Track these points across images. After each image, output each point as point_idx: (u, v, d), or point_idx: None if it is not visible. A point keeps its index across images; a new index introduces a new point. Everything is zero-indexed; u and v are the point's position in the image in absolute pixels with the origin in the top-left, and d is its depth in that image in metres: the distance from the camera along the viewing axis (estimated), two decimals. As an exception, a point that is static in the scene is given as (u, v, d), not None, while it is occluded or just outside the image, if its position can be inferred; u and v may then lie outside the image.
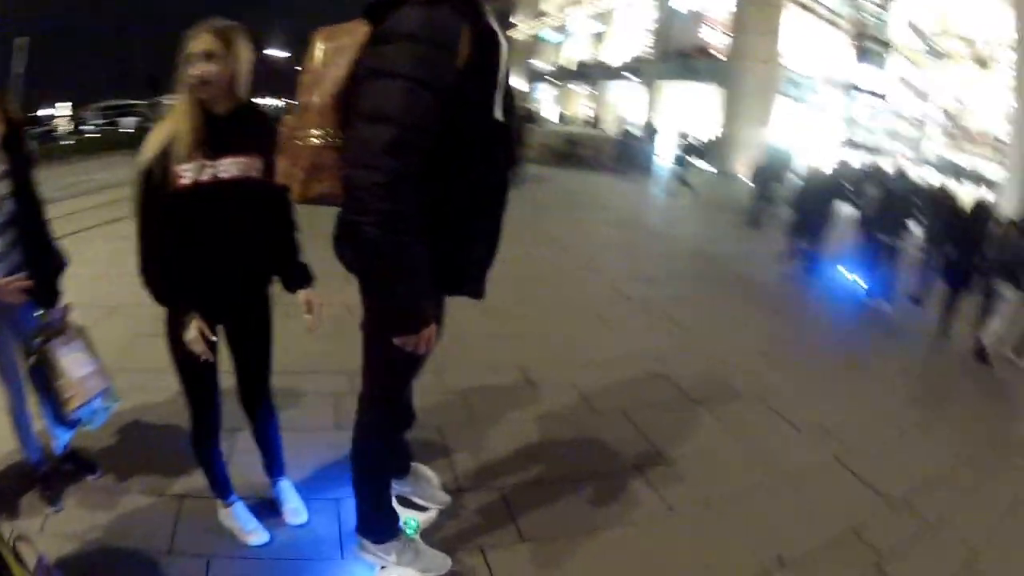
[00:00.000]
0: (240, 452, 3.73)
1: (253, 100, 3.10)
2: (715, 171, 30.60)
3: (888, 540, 4.51)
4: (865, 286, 12.16)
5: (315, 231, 3.26)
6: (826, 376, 7.49)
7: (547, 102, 54.00)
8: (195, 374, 3.11)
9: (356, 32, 2.43)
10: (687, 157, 22.99)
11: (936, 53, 34.57)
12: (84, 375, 3.29)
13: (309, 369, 4.98)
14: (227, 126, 2.89)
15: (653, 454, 4.98)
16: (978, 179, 31.28)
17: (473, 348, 6.25)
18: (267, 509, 3.61)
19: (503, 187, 2.67)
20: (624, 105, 43.65)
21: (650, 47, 41.29)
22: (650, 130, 31.82)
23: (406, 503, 3.56)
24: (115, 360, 3.19)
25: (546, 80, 54.56)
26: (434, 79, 2.26)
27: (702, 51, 37.32)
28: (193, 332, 2.88)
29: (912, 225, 12.89)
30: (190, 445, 3.37)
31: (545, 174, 21.57)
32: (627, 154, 27.80)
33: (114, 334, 5.73)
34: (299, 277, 3.33)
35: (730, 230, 16.93)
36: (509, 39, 2.60)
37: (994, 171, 29.58)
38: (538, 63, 55.13)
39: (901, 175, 15.17)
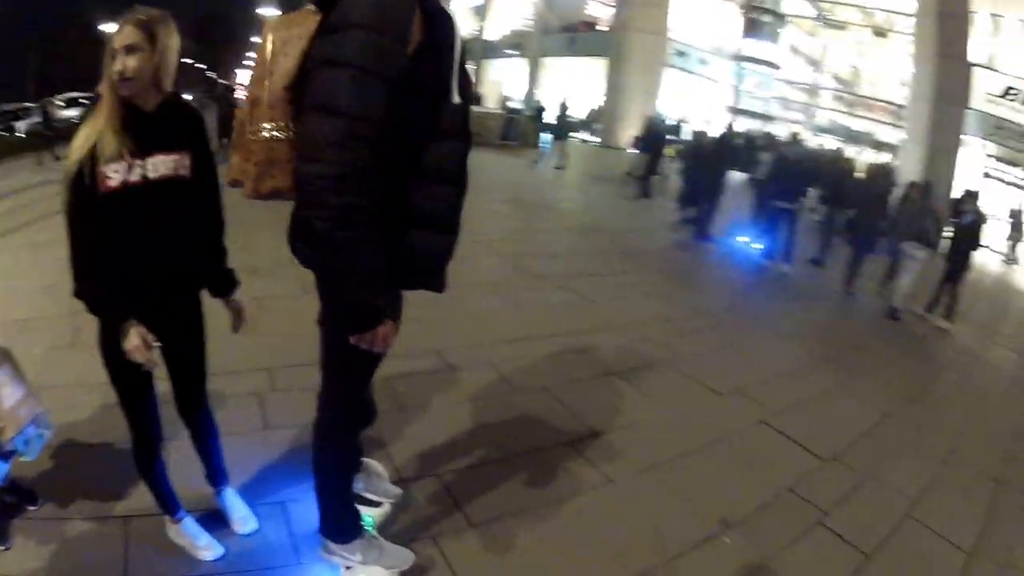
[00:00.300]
0: (176, 463, 3.48)
1: (179, 93, 2.88)
2: (601, 144, 30.88)
3: (827, 496, 4.59)
4: (761, 249, 12.49)
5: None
6: (736, 340, 7.58)
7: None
8: (133, 385, 2.89)
9: (307, 22, 2.36)
10: (567, 131, 22.92)
11: (830, 22, 35.77)
12: (14, 403, 3.00)
13: (227, 370, 4.70)
14: (155, 122, 2.72)
15: (583, 428, 4.88)
16: (877, 144, 32.65)
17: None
18: (214, 520, 3.37)
19: (462, 173, 2.56)
20: (508, 82, 43.66)
21: (532, 21, 41.32)
22: (534, 106, 31.72)
23: (359, 500, 3.43)
24: (34, 378, 2.91)
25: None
26: (384, 68, 2.18)
27: (588, 24, 37.61)
28: (135, 340, 2.66)
29: (809, 189, 13.24)
30: (132, 461, 3.13)
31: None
32: (512, 131, 27.68)
33: (29, 351, 5.29)
34: (227, 281, 3.15)
35: (621, 202, 17.01)
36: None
37: (892, 135, 30.88)
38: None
39: (794, 141, 15.55)
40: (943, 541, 4.51)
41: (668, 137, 17.29)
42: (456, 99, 2.41)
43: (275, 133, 2.35)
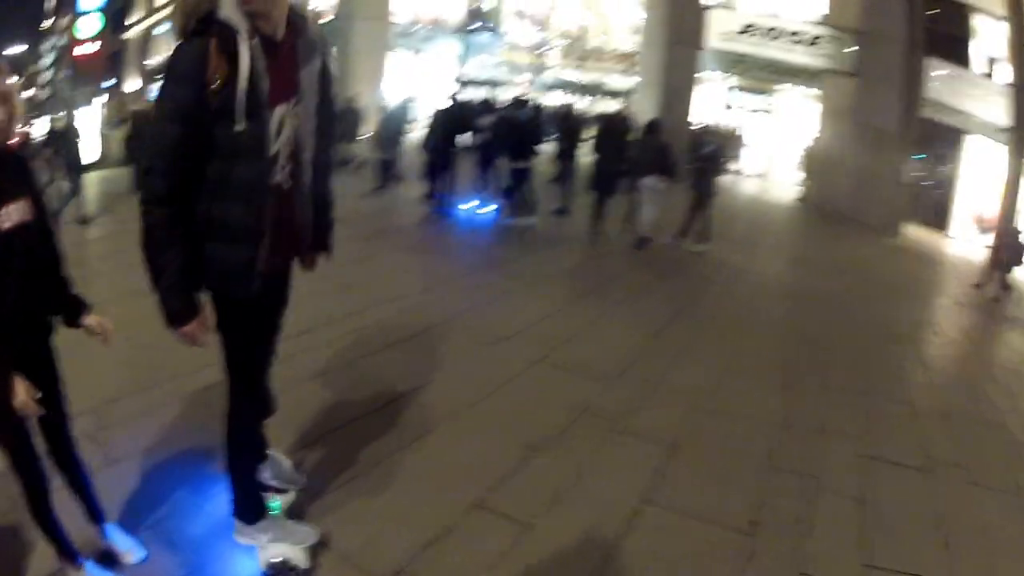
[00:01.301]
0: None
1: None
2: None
3: (616, 407, 5.17)
4: (501, 209, 12.90)
5: None
6: (500, 294, 7.97)
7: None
8: (19, 439, 2.83)
9: None
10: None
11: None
12: None
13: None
14: (4, 172, 2.71)
15: (390, 393, 5.07)
16: (611, 92, 34.50)
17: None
18: (105, 560, 3.25)
19: (253, 191, 2.75)
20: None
21: None
22: None
23: (266, 488, 3.56)
24: None
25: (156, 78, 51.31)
26: (176, 111, 2.56)
27: (314, 17, 37.00)
28: (23, 394, 2.65)
29: (542, 145, 13.77)
30: (30, 517, 2.95)
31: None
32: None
33: None
34: (79, 307, 3.05)
35: (364, 188, 17.02)
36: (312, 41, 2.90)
37: (625, 82, 32.73)
38: (153, 60, 51.79)
39: (519, 103, 16.07)
40: (750, 420, 5.29)
41: (401, 122, 17.17)
42: (241, 125, 2.62)
43: None
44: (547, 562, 3.43)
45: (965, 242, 23.17)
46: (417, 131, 17.45)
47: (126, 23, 51.27)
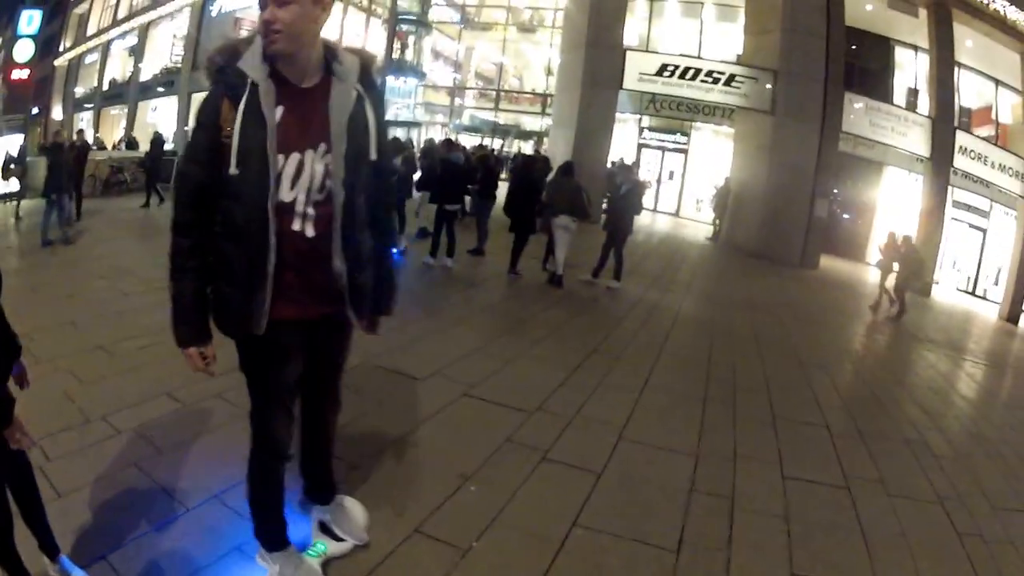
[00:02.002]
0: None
1: None
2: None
3: (542, 438, 5.32)
4: (402, 251, 12.92)
5: None
6: (421, 333, 7.96)
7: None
8: None
9: None
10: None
11: (476, 25, 37.95)
12: None
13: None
14: None
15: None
16: (524, 133, 35.17)
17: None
18: None
19: (243, 233, 2.81)
20: (163, 122, 41.88)
21: (180, 57, 40.04)
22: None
23: (325, 530, 3.70)
24: None
25: (85, 106, 50.31)
26: (194, 153, 2.81)
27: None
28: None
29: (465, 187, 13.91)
30: None
31: (98, 207, 19.39)
32: (157, 171, 26.07)
33: None
34: (14, 346, 2.98)
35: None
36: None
37: (539, 123, 33.40)
38: (81, 89, 50.79)
39: (452, 144, 16.20)
40: (668, 449, 5.50)
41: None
42: (233, 170, 2.73)
43: None
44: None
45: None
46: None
47: (59, 49, 50.88)
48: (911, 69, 25.95)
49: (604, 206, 13.09)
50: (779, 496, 5.02)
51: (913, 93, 25.54)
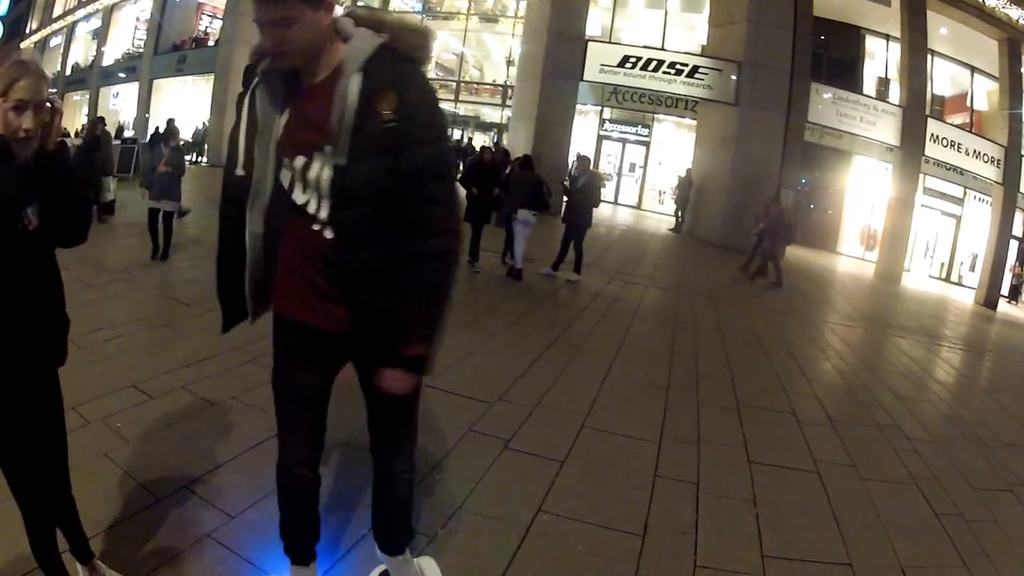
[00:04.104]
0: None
1: None
2: (209, 163, 30.19)
3: (505, 427, 5.31)
4: None
5: None
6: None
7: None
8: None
9: None
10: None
11: (436, 14, 37.94)
12: None
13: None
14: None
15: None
16: (483, 125, 35.21)
17: None
18: None
19: (232, 241, 2.85)
20: (126, 109, 41.41)
21: (142, 42, 39.61)
22: (148, 131, 30.34)
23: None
24: None
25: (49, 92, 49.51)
26: (231, 148, 2.75)
27: (198, 41, 36.61)
28: None
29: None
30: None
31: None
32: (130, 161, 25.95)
33: None
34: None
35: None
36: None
37: (498, 114, 33.44)
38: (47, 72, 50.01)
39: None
40: (631, 437, 5.50)
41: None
42: (240, 171, 2.73)
43: None
44: (456, 569, 3.53)
45: (854, 258, 24.47)
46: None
47: (25, 31, 50.75)
48: (882, 58, 26.37)
49: (564, 198, 13.09)
50: (746, 480, 5.04)
51: (884, 82, 25.95)
